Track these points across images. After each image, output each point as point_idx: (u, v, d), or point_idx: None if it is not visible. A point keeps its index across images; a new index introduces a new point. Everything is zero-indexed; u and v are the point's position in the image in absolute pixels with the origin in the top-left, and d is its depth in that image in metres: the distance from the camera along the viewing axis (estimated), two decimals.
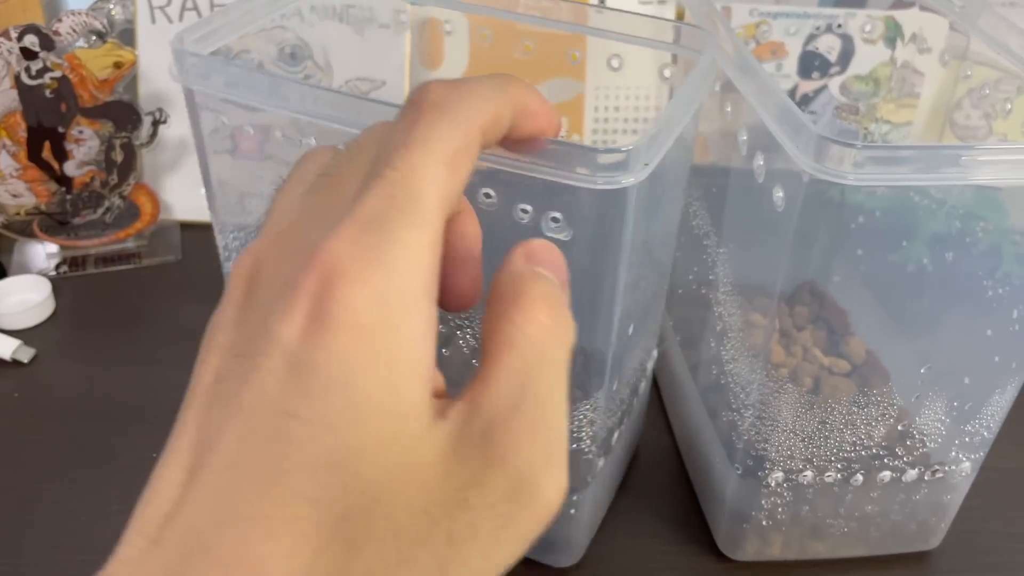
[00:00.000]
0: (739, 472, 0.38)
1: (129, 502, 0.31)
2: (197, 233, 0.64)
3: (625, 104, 0.70)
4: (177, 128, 0.62)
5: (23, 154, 0.55)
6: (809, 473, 0.37)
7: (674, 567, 0.41)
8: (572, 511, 0.38)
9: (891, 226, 0.34)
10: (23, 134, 0.55)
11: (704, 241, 0.42)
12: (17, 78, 0.53)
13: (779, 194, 0.32)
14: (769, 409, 0.36)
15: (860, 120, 0.69)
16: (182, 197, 0.64)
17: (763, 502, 0.38)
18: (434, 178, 0.18)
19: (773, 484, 0.38)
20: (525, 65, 0.64)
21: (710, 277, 0.41)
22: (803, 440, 0.36)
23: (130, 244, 0.61)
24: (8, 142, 0.55)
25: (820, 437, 0.36)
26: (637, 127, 0.70)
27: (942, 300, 0.36)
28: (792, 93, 0.67)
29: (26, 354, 0.51)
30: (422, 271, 0.18)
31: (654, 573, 0.41)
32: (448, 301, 0.22)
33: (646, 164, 0.28)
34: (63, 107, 0.54)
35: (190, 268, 0.61)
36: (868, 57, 0.64)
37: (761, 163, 0.34)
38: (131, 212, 0.60)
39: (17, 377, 0.51)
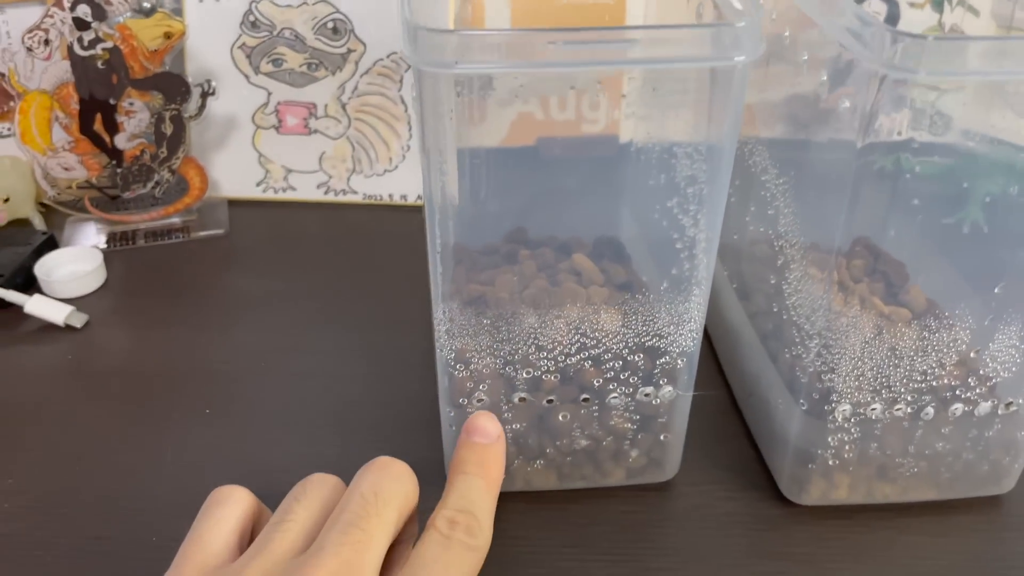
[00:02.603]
0: (804, 408, 0.37)
1: (182, 453, 0.31)
2: (244, 210, 0.64)
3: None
4: (224, 104, 0.63)
5: (75, 127, 0.56)
6: (878, 406, 0.36)
7: (736, 513, 0.40)
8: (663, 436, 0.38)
9: (945, 189, 0.34)
10: (75, 106, 0.56)
11: (762, 176, 0.41)
12: (70, 49, 0.54)
13: (845, 104, 0.32)
14: (836, 336, 0.35)
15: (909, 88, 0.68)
16: (229, 174, 0.64)
17: (829, 439, 0.37)
18: None
19: (840, 419, 0.37)
20: (566, 21, 0.64)
21: (769, 212, 0.40)
22: (872, 369, 0.35)
23: (177, 219, 0.61)
24: (61, 114, 0.56)
25: (889, 365, 0.35)
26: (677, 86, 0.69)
27: (1004, 250, 0.35)
28: (836, 59, 0.66)
29: (79, 319, 0.52)
30: None
31: (716, 519, 0.40)
32: None
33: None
34: (114, 78, 0.55)
35: (238, 241, 0.61)
36: (914, 22, 0.63)
37: (824, 79, 0.34)
38: (180, 187, 0.61)
39: (71, 341, 0.51)
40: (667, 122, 0.35)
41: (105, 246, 0.59)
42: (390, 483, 0.31)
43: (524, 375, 0.37)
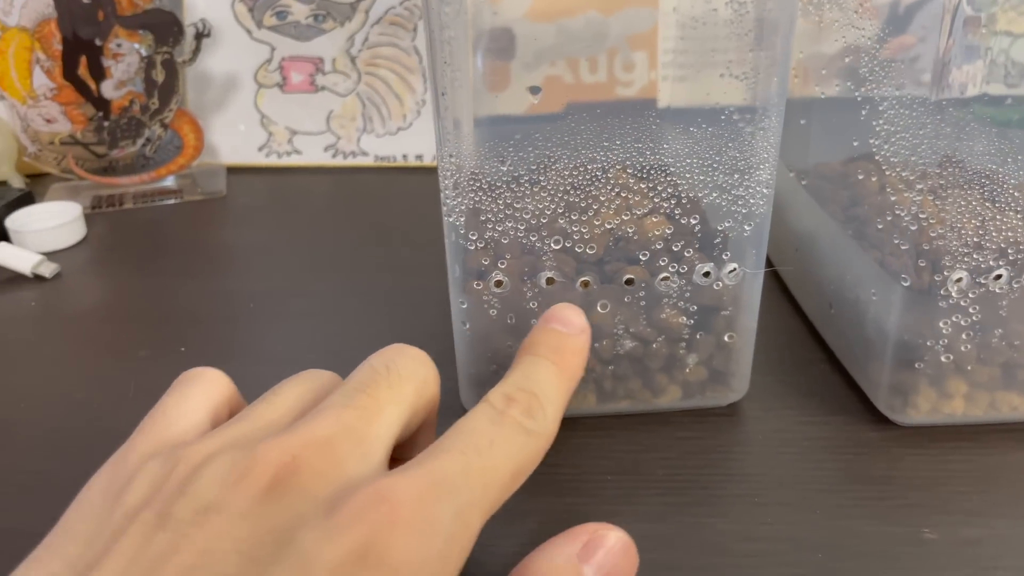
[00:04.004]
0: (906, 284, 0.29)
1: (147, 390, 0.24)
2: (244, 176, 0.58)
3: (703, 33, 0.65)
4: (224, 62, 0.58)
5: (58, 71, 0.51)
6: (1003, 272, 0.29)
7: (822, 437, 0.32)
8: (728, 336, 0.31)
9: None
10: (58, 47, 0.51)
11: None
12: None
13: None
14: (947, 171, 0.28)
15: (984, 35, 0.62)
16: (229, 138, 0.59)
17: (940, 325, 0.29)
18: None
19: (954, 293, 0.29)
20: None
21: (863, 75, 0.34)
22: (995, 215, 0.28)
23: (170, 182, 0.56)
24: (42, 56, 0.51)
25: (1018, 209, 0.28)
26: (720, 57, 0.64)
27: None
28: (896, 4, 0.60)
29: (49, 269, 0.46)
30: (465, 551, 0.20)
31: (799, 444, 0.32)
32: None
33: None
34: (100, 14, 0.50)
35: (236, 204, 0.55)
36: None
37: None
38: (173, 145, 0.55)
39: (38, 289, 0.45)
40: (708, 82, 0.29)
41: (91, 209, 0.53)
42: (406, 361, 0.24)
43: (552, 246, 0.29)
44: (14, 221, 0.49)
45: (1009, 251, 0.28)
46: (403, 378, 0.23)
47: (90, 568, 0.19)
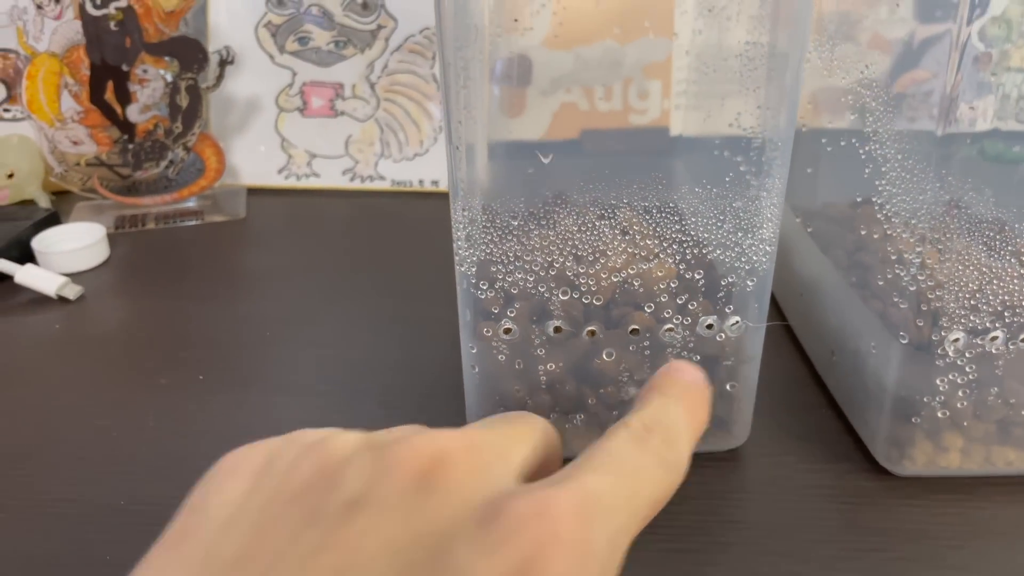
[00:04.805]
0: (905, 342, 0.30)
1: (168, 418, 0.25)
2: (264, 198, 0.60)
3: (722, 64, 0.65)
4: (247, 86, 0.59)
5: (85, 95, 0.53)
6: (1000, 335, 0.29)
7: (821, 485, 0.33)
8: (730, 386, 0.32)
9: None
10: (86, 72, 0.52)
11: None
12: (82, 7, 0.50)
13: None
14: (946, 236, 0.28)
15: (995, 72, 0.62)
16: (250, 160, 0.60)
17: (937, 382, 0.30)
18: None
19: (951, 353, 0.30)
20: (608, 19, 0.59)
21: (867, 133, 0.34)
22: (992, 280, 0.28)
23: (192, 203, 0.57)
24: (70, 80, 0.52)
25: (1016, 276, 0.28)
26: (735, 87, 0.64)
27: None
28: (909, 41, 0.61)
29: (73, 291, 0.47)
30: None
31: (797, 491, 0.33)
32: None
33: None
34: (127, 41, 0.52)
35: (255, 226, 0.56)
36: None
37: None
38: (195, 168, 0.57)
39: (62, 311, 0.46)
40: (720, 112, 0.30)
41: (114, 229, 0.55)
42: (529, 417, 0.24)
43: (560, 296, 0.30)
44: (40, 242, 0.50)
45: (1005, 313, 0.29)
46: (531, 424, 0.23)
47: (235, 562, 0.18)
